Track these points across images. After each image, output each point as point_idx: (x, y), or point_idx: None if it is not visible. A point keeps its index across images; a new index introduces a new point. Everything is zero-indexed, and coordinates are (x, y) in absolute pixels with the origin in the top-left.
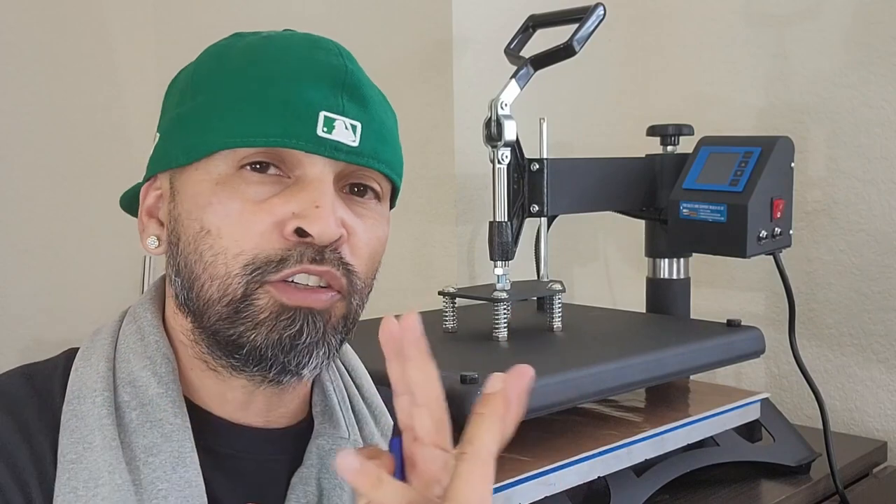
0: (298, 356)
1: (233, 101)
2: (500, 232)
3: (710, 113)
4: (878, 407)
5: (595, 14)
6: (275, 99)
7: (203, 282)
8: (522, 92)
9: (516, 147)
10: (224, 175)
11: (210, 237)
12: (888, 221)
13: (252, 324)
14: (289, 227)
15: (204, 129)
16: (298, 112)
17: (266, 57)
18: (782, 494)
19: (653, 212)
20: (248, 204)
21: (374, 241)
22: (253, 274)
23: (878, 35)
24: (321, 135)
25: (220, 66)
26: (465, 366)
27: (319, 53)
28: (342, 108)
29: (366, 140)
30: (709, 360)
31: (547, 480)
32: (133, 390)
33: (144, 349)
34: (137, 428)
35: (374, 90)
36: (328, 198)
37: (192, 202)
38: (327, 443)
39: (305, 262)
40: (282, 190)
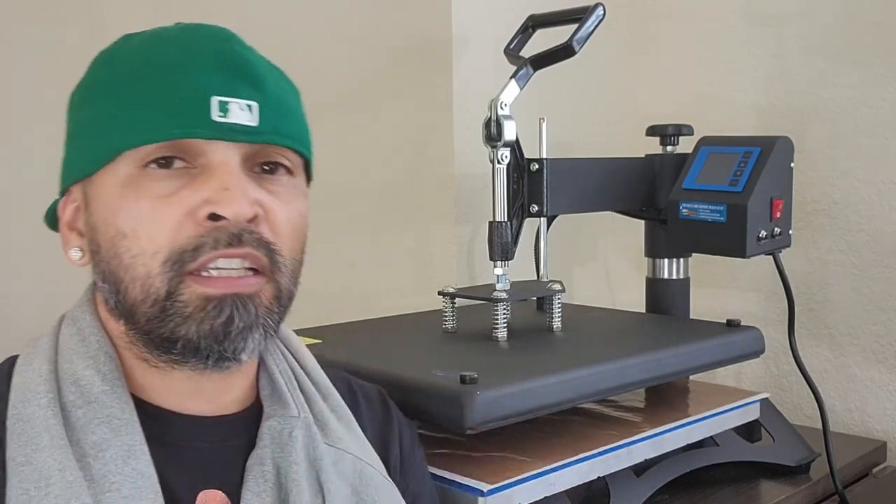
0: (233, 343)
1: (127, 101)
2: (500, 232)
3: (710, 113)
4: (877, 407)
5: (595, 14)
6: (166, 92)
7: (126, 285)
8: (522, 92)
9: (516, 147)
10: (129, 176)
11: (126, 240)
12: (888, 221)
13: (181, 318)
14: (201, 214)
15: (104, 134)
16: (191, 101)
17: (154, 53)
18: (782, 494)
19: (652, 212)
20: (157, 200)
21: (295, 216)
22: (172, 268)
23: (877, 35)
24: (217, 119)
25: (111, 70)
26: (464, 366)
27: (206, 41)
28: (235, 90)
29: (264, 118)
30: (708, 360)
31: (547, 480)
32: (78, 389)
33: (86, 349)
34: (85, 426)
35: (269, 69)
36: (236, 179)
37: (104, 208)
38: (279, 423)
39: (222, 247)
40: (189, 181)
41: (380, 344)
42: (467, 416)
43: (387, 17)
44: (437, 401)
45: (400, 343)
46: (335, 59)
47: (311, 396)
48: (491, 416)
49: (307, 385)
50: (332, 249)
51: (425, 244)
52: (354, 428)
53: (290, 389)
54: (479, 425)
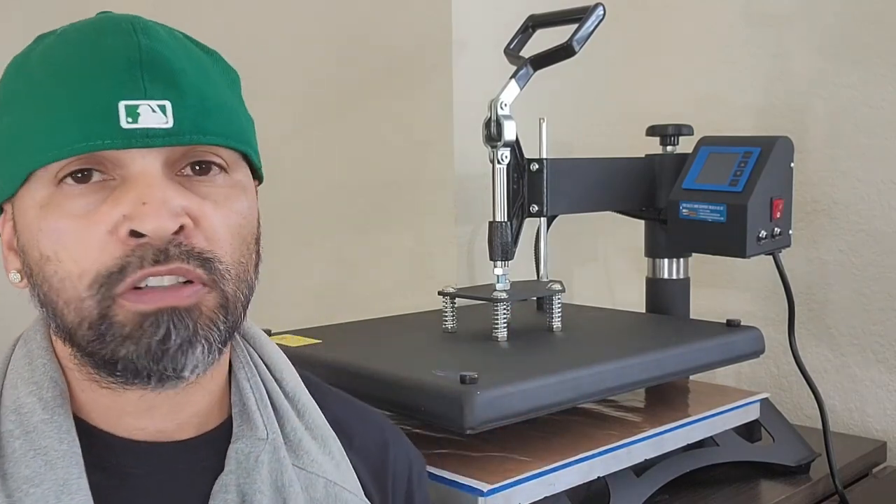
0: (173, 360)
1: (32, 116)
2: (500, 232)
3: (710, 113)
4: (877, 407)
5: (595, 14)
6: (70, 101)
7: (61, 308)
8: (522, 92)
9: (516, 147)
10: (46, 196)
11: (51, 263)
12: (888, 221)
13: (119, 340)
14: (122, 232)
15: (14, 153)
16: (95, 108)
17: (58, 57)
18: (782, 494)
19: (652, 212)
20: (76, 220)
21: (233, 217)
22: (100, 291)
23: (877, 35)
24: (127, 126)
25: (16, 80)
26: (464, 366)
27: (109, 37)
28: (143, 92)
29: (181, 117)
30: (708, 360)
31: (547, 480)
32: (18, 418)
33: (32, 374)
34: (20, 458)
35: (188, 57)
36: (155, 191)
37: (27, 231)
38: (246, 446)
39: (147, 266)
40: (108, 194)
41: (380, 344)
42: (467, 416)
43: (387, 17)
44: (437, 401)
45: (400, 343)
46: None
47: (283, 413)
48: (491, 416)
49: (280, 401)
50: (332, 249)
51: (425, 244)
52: (332, 446)
53: (259, 407)
54: (479, 425)
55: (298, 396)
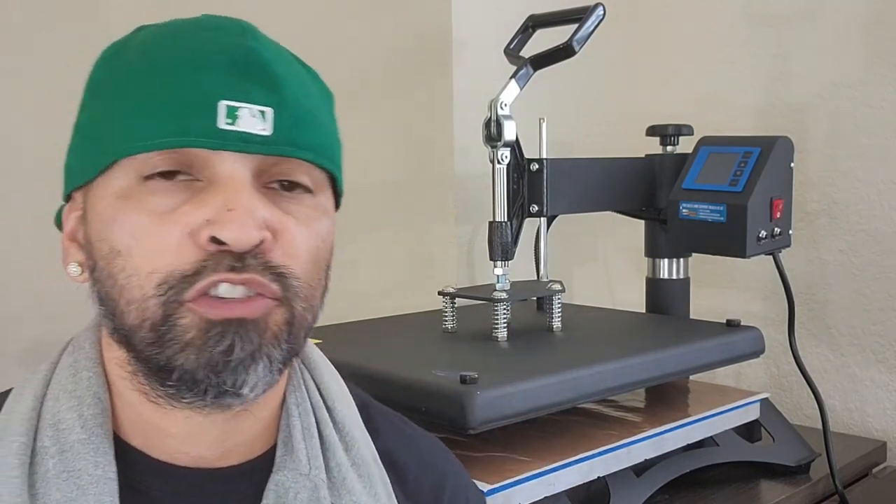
0: (234, 374)
1: (126, 103)
2: (500, 232)
3: (710, 113)
4: (877, 407)
5: (595, 14)
6: (167, 94)
7: (122, 308)
8: (522, 92)
9: (516, 147)
10: (126, 188)
11: (121, 258)
12: (888, 221)
13: (180, 346)
14: (203, 236)
15: (101, 138)
16: (195, 105)
17: (158, 49)
18: (782, 494)
19: (652, 212)
20: (155, 217)
21: (314, 238)
22: (168, 293)
23: (877, 35)
24: (224, 127)
25: (114, 66)
26: (464, 366)
27: (216, 35)
28: (247, 94)
29: (280, 127)
30: (708, 360)
31: (547, 480)
32: (55, 434)
33: (75, 387)
34: (52, 479)
35: (292, 68)
36: (243, 198)
37: (99, 222)
38: (286, 478)
39: (222, 271)
40: (193, 195)
41: (380, 344)
42: (467, 416)
43: (387, 17)
44: (437, 401)
45: (400, 343)
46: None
47: (330, 446)
48: (491, 416)
49: (328, 431)
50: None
51: (425, 244)
52: (377, 485)
53: (305, 437)
54: (479, 425)
55: (348, 428)
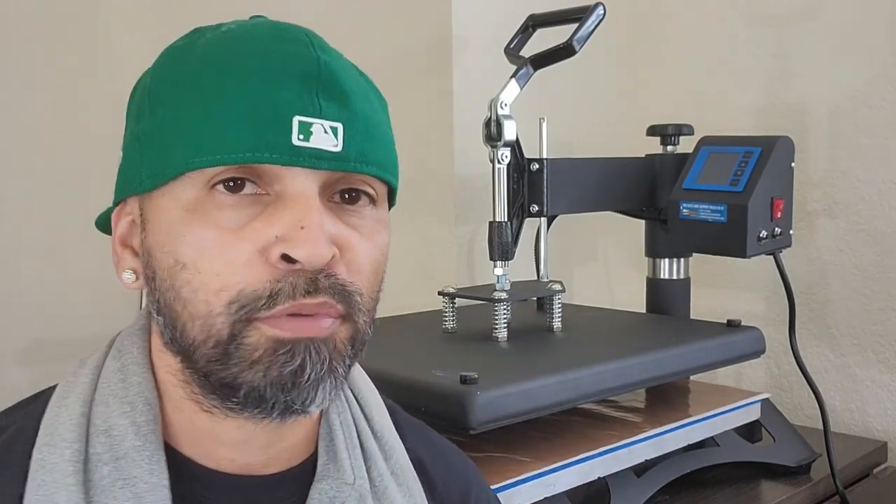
0: (303, 393)
1: (194, 113)
2: (500, 232)
3: (710, 113)
4: (878, 407)
5: (595, 14)
6: (240, 107)
7: (185, 321)
8: (522, 92)
9: (516, 147)
10: (194, 200)
11: (186, 272)
12: (888, 221)
13: (247, 364)
14: (274, 254)
15: (166, 148)
16: (269, 119)
17: (227, 57)
18: (782, 495)
19: (653, 212)
20: (224, 232)
21: (376, 252)
22: (238, 313)
23: (877, 35)
24: (298, 143)
25: (177, 72)
26: (465, 366)
27: (287, 45)
28: (319, 110)
29: (350, 142)
30: (709, 360)
31: (547, 481)
32: (108, 441)
33: (125, 392)
34: (108, 487)
35: (355, 78)
36: (314, 216)
37: (163, 233)
38: (331, 488)
39: (299, 297)
40: (262, 211)
41: (380, 344)
42: (468, 417)
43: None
44: (437, 401)
45: (400, 343)
46: None
47: (371, 456)
48: (491, 416)
49: (369, 441)
50: None
51: (425, 244)
52: (416, 494)
53: (348, 447)
54: (479, 425)
55: (386, 437)
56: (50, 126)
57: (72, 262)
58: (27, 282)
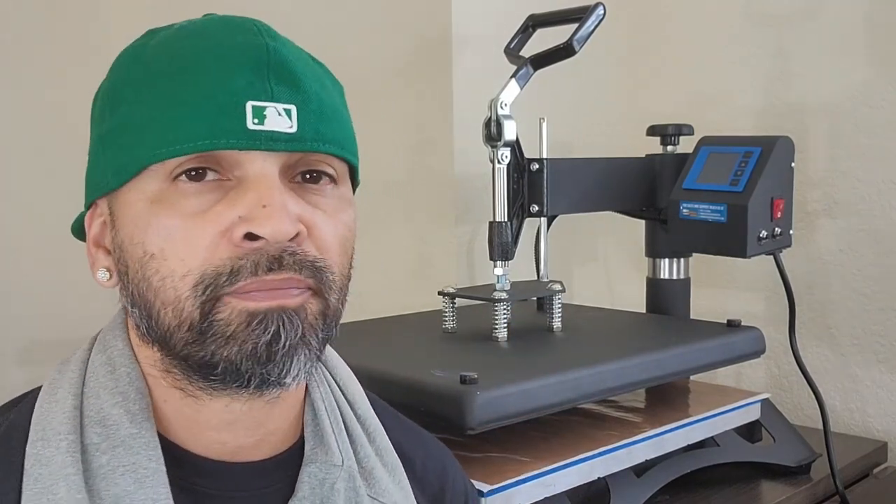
0: (278, 364)
1: (152, 108)
2: (500, 232)
3: (710, 113)
4: (878, 407)
5: (595, 14)
6: (195, 97)
7: (158, 309)
8: (522, 92)
9: (516, 147)
10: (158, 191)
11: (155, 261)
12: (888, 221)
13: (223, 339)
14: (237, 233)
15: (128, 145)
16: (223, 107)
17: (180, 52)
18: (783, 495)
19: (653, 212)
20: (188, 219)
21: (342, 228)
22: (205, 293)
23: (877, 35)
24: (252, 127)
25: (134, 71)
26: (464, 366)
27: (236, 36)
28: (271, 94)
29: (305, 123)
30: (709, 360)
31: (547, 481)
32: (103, 430)
33: (116, 383)
34: (108, 474)
35: (307, 63)
36: (275, 195)
37: (131, 226)
38: (320, 470)
39: (261, 273)
40: (224, 195)
41: (380, 344)
42: (467, 417)
43: (387, 16)
44: (437, 401)
45: (400, 343)
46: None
47: (356, 438)
48: (491, 416)
49: (353, 425)
50: None
51: (425, 244)
52: (399, 474)
53: (335, 430)
54: (479, 426)
55: (369, 421)
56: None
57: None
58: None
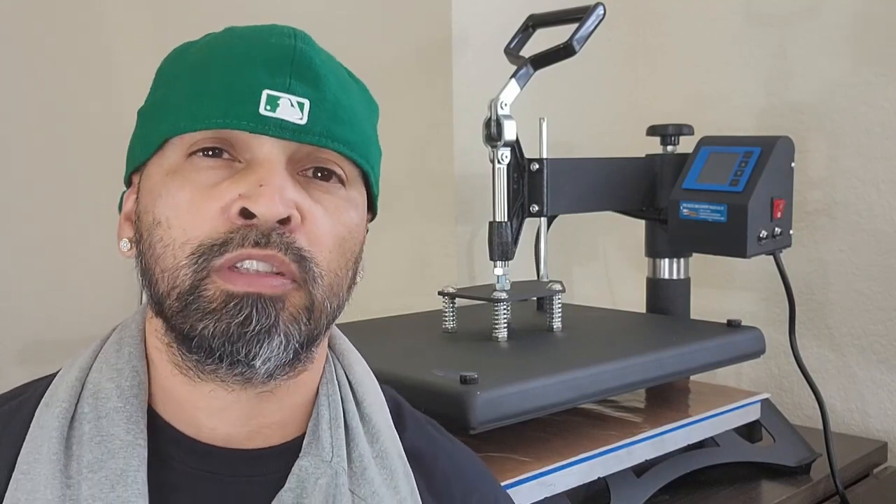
0: (248, 345)
1: (181, 92)
2: (500, 232)
3: (710, 113)
4: (878, 407)
5: (595, 14)
6: (218, 83)
7: (157, 276)
8: (522, 92)
9: (516, 147)
10: (174, 164)
11: (160, 228)
12: (888, 221)
13: (201, 314)
14: (234, 209)
15: (156, 121)
16: (240, 92)
17: (217, 48)
18: (783, 495)
19: (653, 212)
20: (197, 191)
21: (340, 227)
22: (199, 262)
23: (877, 35)
24: (264, 113)
25: (176, 64)
26: (464, 366)
27: (270, 37)
28: (287, 86)
29: (315, 118)
30: (709, 360)
31: (547, 481)
32: (94, 402)
33: (117, 360)
34: (86, 442)
35: (335, 71)
36: (275, 176)
37: (148, 196)
38: (310, 465)
39: (248, 246)
40: (231, 174)
41: (380, 344)
42: (468, 417)
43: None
44: (437, 401)
45: (400, 343)
46: None
47: (355, 437)
48: (491, 416)
49: (354, 422)
50: None
51: (425, 244)
52: (399, 479)
53: (332, 427)
54: (479, 425)
55: (374, 421)
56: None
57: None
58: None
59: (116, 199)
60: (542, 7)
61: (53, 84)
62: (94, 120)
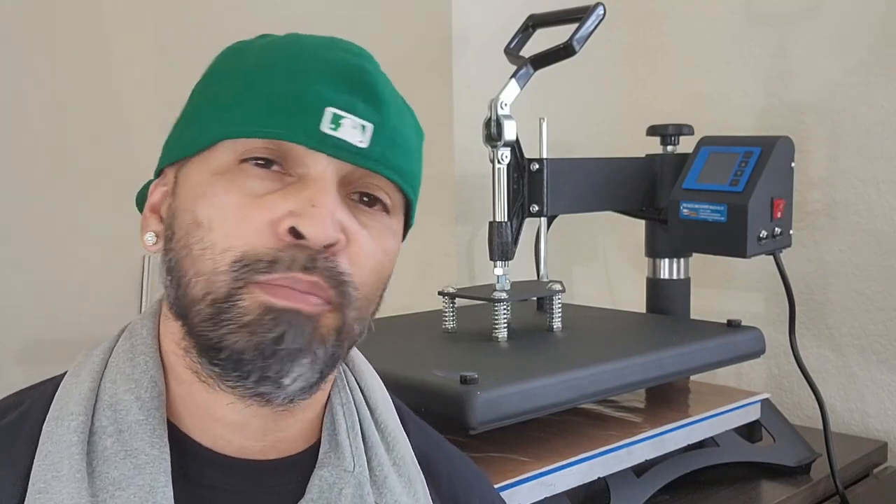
0: (279, 363)
1: (239, 94)
2: (500, 232)
3: (710, 113)
4: (878, 407)
5: (595, 14)
6: (281, 92)
7: (190, 278)
8: (522, 92)
9: (516, 147)
10: (224, 166)
11: (201, 230)
12: (888, 221)
13: (235, 326)
14: (283, 226)
15: (208, 120)
16: (303, 106)
17: (280, 53)
18: (783, 495)
19: (653, 212)
20: (244, 198)
21: (379, 254)
22: (240, 272)
23: (877, 35)
24: (326, 131)
25: (233, 61)
26: (465, 366)
27: (336, 52)
28: (352, 107)
29: (376, 143)
30: (709, 360)
31: (547, 481)
32: (113, 414)
33: (132, 370)
34: (110, 457)
35: (396, 97)
36: (328, 197)
37: (189, 194)
38: (331, 475)
39: (295, 270)
40: (282, 187)
41: (380, 344)
42: (468, 417)
43: (387, 17)
44: (437, 401)
45: (400, 343)
46: None
47: (372, 445)
48: (491, 416)
49: (371, 431)
50: None
51: (425, 244)
52: (417, 486)
53: (350, 435)
54: (479, 425)
55: (390, 429)
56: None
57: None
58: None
59: (116, 199)
60: (542, 7)
61: (54, 84)
62: (94, 120)
